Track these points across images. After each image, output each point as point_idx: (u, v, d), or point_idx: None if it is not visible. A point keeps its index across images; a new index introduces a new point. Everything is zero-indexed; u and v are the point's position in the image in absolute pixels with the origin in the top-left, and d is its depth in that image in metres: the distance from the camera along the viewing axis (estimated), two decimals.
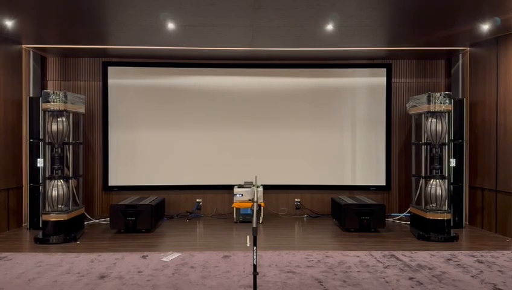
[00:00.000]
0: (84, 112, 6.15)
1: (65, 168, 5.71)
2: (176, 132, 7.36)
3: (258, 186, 6.56)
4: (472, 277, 4.04)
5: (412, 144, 6.28)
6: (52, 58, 7.23)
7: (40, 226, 5.89)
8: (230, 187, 7.04)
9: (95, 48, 6.64)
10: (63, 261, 4.52)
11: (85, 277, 4.00)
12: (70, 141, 5.76)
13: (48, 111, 5.57)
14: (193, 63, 7.36)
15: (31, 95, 6.54)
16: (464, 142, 6.43)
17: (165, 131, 7.35)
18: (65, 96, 5.57)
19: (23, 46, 6.49)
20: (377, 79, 7.44)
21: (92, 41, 6.36)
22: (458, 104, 6.37)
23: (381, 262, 4.51)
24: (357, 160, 7.44)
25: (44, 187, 5.66)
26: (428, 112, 5.71)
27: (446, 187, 5.74)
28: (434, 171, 5.77)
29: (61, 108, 5.53)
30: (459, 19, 5.34)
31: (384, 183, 7.42)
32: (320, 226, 6.55)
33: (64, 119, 5.61)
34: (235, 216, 6.76)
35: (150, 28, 5.63)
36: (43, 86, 7.07)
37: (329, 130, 7.43)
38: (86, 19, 5.31)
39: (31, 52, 6.69)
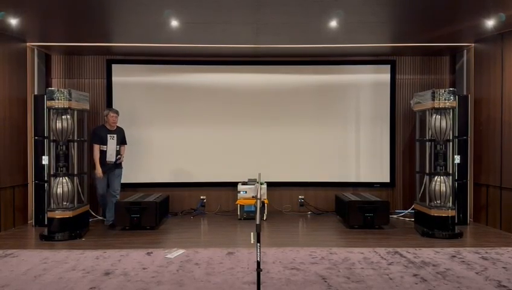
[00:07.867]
0: (88, 109, 6.16)
1: (70, 165, 5.72)
2: (180, 129, 7.36)
3: (261, 183, 6.56)
4: (476, 273, 4.04)
5: (416, 141, 6.26)
6: (56, 56, 7.25)
7: (46, 223, 5.92)
8: (234, 184, 7.04)
9: (99, 45, 6.66)
10: (68, 258, 4.55)
11: (90, 274, 4.03)
12: (75, 138, 5.78)
13: (53, 109, 5.58)
14: (197, 60, 7.35)
15: (35, 93, 6.56)
16: (469, 138, 6.40)
17: (169, 128, 7.36)
18: (69, 94, 5.58)
19: (27, 44, 6.51)
20: (381, 76, 7.42)
21: (96, 39, 6.38)
22: (463, 101, 6.34)
23: (385, 259, 4.50)
24: (361, 157, 7.43)
25: (49, 184, 5.69)
26: (433, 108, 5.68)
27: (450, 184, 5.72)
28: (438, 167, 5.75)
29: (66, 106, 5.55)
30: (464, 14, 5.31)
31: (388, 180, 7.40)
32: (324, 223, 6.55)
33: (68, 116, 5.62)
34: (239, 213, 6.78)
35: (154, 26, 5.63)
36: (48, 83, 7.09)
37: (333, 127, 7.42)
38: (90, 16, 5.33)
39: (36, 50, 6.72)
